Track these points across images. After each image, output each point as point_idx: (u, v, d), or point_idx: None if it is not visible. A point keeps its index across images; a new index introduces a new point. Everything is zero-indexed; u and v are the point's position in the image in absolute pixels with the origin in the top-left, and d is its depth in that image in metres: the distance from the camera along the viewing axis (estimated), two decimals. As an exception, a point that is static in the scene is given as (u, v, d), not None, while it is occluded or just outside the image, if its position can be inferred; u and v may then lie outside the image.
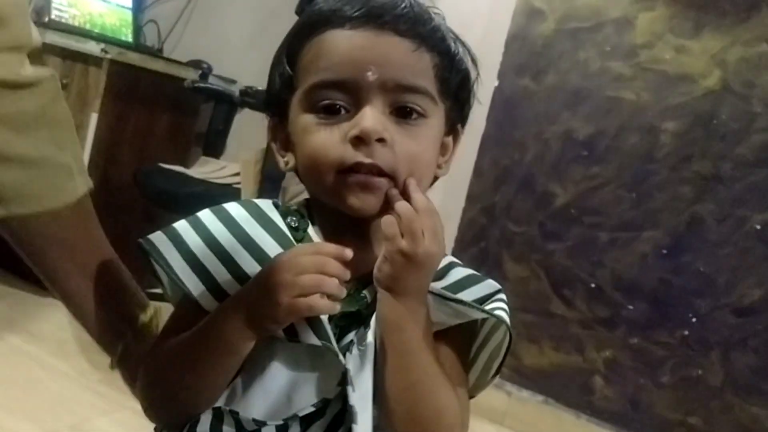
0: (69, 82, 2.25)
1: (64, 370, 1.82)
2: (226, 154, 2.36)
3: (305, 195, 0.72)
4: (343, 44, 0.62)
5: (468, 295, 0.66)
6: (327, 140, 0.62)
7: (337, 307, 0.59)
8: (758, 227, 1.80)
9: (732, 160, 1.85)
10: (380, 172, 0.61)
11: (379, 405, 0.61)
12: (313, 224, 0.68)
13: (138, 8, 2.80)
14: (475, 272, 0.70)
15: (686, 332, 1.88)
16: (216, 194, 1.98)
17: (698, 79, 1.89)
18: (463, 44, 0.68)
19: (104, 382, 1.80)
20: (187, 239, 0.66)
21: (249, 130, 2.21)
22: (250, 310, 0.60)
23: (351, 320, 0.64)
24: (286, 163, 0.68)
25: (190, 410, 0.64)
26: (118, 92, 2.26)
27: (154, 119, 2.43)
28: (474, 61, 0.69)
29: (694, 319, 1.87)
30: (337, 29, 0.62)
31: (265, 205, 0.69)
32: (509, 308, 0.68)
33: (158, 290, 0.75)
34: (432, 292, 0.63)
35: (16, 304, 2.18)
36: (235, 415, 0.62)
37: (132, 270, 2.72)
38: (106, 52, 2.18)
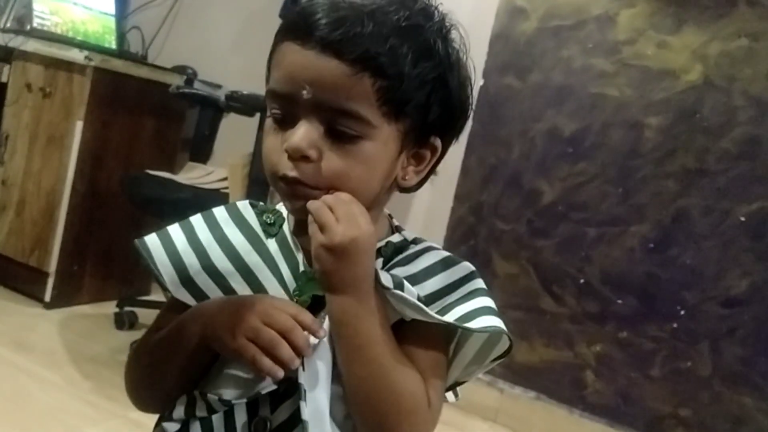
0: (52, 91, 2.25)
1: (54, 380, 1.81)
2: (212, 159, 2.36)
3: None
4: (289, 59, 0.65)
5: (438, 281, 0.69)
6: (272, 146, 0.66)
7: (280, 374, 0.61)
8: (743, 219, 1.82)
9: (715, 154, 1.86)
10: (304, 185, 0.64)
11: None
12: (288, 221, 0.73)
13: (121, 15, 2.80)
14: (450, 255, 0.72)
15: (675, 325, 1.90)
16: (203, 199, 1.97)
17: (680, 74, 1.91)
18: (436, 69, 0.66)
19: (94, 392, 1.79)
20: (175, 240, 0.71)
21: (235, 134, 2.21)
22: (210, 325, 0.65)
23: (320, 305, 0.66)
24: None
25: (163, 399, 0.70)
26: (103, 99, 2.25)
27: (139, 126, 2.43)
28: (457, 69, 0.69)
29: (682, 312, 1.89)
30: (291, 42, 0.65)
31: (242, 204, 0.74)
32: (489, 289, 0.70)
33: (149, 297, 0.79)
34: (383, 286, 0.65)
35: (2, 315, 2.16)
36: (204, 397, 0.66)
37: (121, 273, 2.69)
38: (89, 59, 2.17)
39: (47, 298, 2.27)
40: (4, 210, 2.35)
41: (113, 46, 2.67)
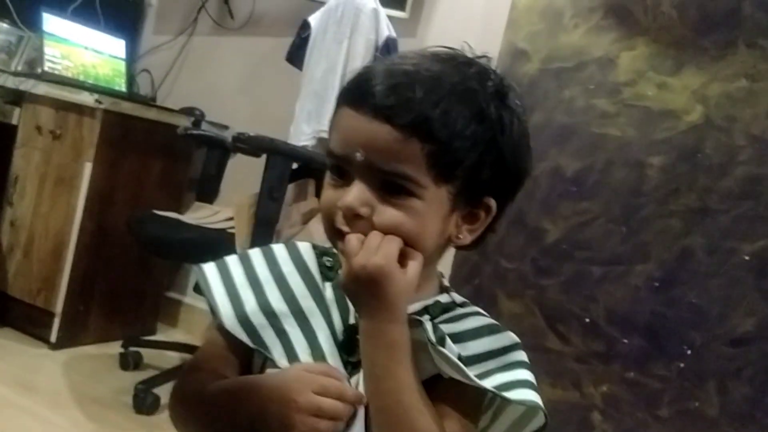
0: (63, 133, 2.28)
1: (58, 422, 1.81)
2: (219, 199, 2.39)
3: (298, 238, 0.76)
4: (345, 123, 0.69)
5: (482, 344, 0.71)
6: (330, 201, 0.70)
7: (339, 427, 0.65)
8: (747, 258, 1.82)
9: (718, 193, 1.88)
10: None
11: None
12: None
13: (131, 58, 2.86)
14: (496, 323, 0.76)
15: (682, 364, 1.88)
16: (210, 239, 1.99)
17: (681, 114, 1.93)
18: (489, 131, 0.69)
19: (99, 433, 1.79)
20: (232, 270, 0.75)
21: (242, 174, 2.23)
22: (261, 413, 0.65)
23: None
24: None
25: None
26: (112, 141, 2.29)
27: (147, 166, 2.46)
28: (514, 133, 0.71)
29: (688, 351, 1.88)
30: (347, 107, 0.69)
31: (303, 246, 0.78)
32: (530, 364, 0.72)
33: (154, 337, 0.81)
34: (429, 340, 0.66)
35: (8, 356, 2.16)
36: None
37: (126, 313, 2.70)
38: (100, 102, 2.22)
39: (53, 338, 2.27)
40: (12, 251, 2.37)
41: (123, 88, 2.72)
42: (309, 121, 2.12)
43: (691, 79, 1.93)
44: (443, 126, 0.65)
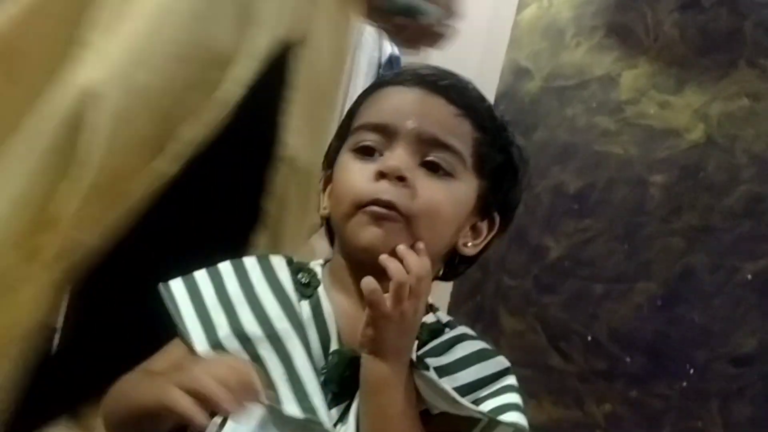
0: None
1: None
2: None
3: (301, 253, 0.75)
4: (394, 96, 0.70)
5: (471, 373, 0.68)
6: (357, 176, 0.67)
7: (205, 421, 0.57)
8: (749, 277, 1.82)
9: (720, 212, 1.87)
10: (396, 211, 0.65)
11: None
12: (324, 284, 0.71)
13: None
14: (485, 347, 0.72)
15: (684, 384, 1.87)
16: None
17: (683, 132, 1.94)
18: (512, 143, 0.76)
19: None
20: (202, 289, 0.69)
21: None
22: (154, 383, 0.62)
23: (349, 386, 0.65)
24: (324, 209, 0.73)
25: None
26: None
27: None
28: (523, 159, 0.76)
29: (691, 371, 1.86)
30: (394, 86, 0.70)
31: (277, 261, 0.73)
32: (497, 347, 0.71)
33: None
34: (417, 368, 0.64)
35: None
36: None
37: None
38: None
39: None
40: None
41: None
42: (312, 137, 2.13)
43: (693, 97, 1.93)
44: (489, 121, 0.71)
